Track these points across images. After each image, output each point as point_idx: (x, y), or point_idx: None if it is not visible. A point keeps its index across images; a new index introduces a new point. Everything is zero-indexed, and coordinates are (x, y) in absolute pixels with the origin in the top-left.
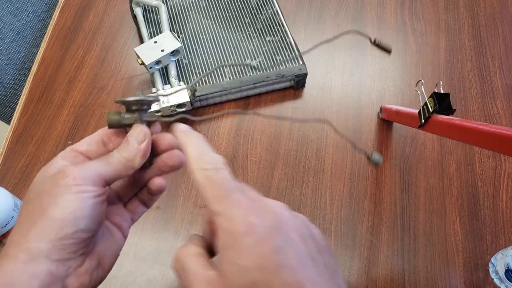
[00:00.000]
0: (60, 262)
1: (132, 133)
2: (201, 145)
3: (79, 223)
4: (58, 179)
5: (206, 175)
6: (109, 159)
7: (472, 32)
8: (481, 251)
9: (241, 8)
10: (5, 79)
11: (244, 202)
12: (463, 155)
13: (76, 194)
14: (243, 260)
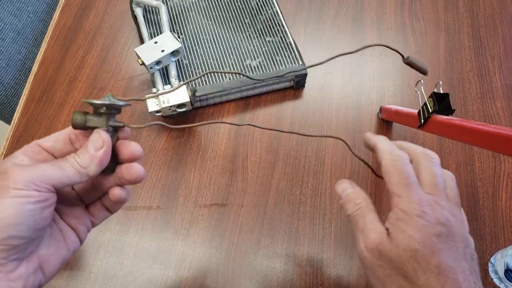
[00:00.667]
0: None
1: (91, 138)
2: (389, 142)
3: (10, 230)
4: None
5: (395, 165)
6: (62, 164)
7: (471, 32)
8: (480, 251)
9: (241, 9)
10: (6, 79)
11: (422, 195)
12: (463, 155)
13: (13, 199)
14: (412, 232)
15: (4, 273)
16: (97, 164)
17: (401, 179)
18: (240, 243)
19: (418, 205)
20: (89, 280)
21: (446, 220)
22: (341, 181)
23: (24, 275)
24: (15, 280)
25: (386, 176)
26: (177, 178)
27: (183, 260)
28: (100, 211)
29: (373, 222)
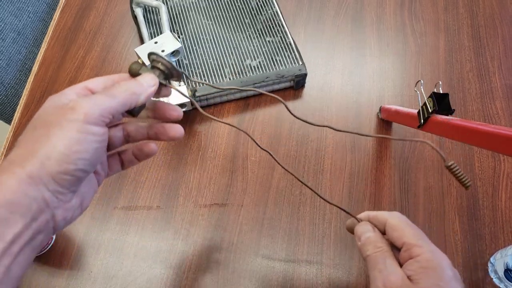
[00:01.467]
0: (54, 194)
1: (144, 76)
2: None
3: (79, 163)
4: (68, 113)
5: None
6: (114, 92)
7: (471, 32)
8: (480, 250)
9: (241, 9)
10: (6, 79)
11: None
12: (462, 155)
13: (84, 134)
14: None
15: (63, 202)
16: (147, 96)
17: (416, 231)
18: (240, 243)
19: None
20: (89, 280)
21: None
22: (363, 223)
23: (74, 207)
24: (67, 210)
25: (399, 231)
26: (177, 178)
27: (183, 260)
28: (116, 164)
29: (393, 265)
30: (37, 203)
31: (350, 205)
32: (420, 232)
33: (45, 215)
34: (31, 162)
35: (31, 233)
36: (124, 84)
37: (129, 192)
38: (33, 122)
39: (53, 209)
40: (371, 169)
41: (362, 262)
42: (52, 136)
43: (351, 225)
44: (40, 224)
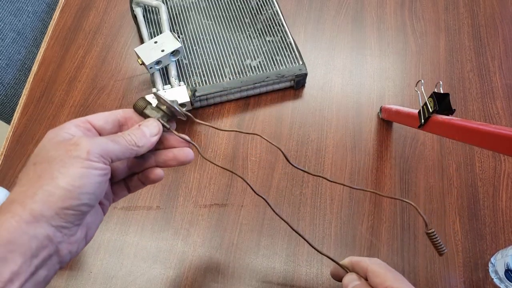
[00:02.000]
0: (58, 229)
1: (147, 124)
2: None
3: (84, 197)
4: (71, 150)
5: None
6: (117, 139)
7: (472, 32)
8: (480, 251)
9: (241, 9)
10: (6, 79)
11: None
12: (463, 155)
13: (87, 169)
14: None
15: (68, 236)
16: (149, 147)
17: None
18: (240, 243)
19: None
20: (89, 280)
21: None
22: (350, 274)
23: (78, 240)
24: (72, 244)
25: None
26: (177, 178)
27: (183, 260)
28: (122, 190)
29: None
30: (37, 240)
31: (350, 205)
32: (400, 276)
33: (48, 250)
34: (33, 199)
35: (31, 269)
36: (129, 133)
37: None
38: (33, 157)
39: (57, 244)
40: (372, 169)
41: None
42: (55, 172)
43: (336, 272)
44: (42, 259)
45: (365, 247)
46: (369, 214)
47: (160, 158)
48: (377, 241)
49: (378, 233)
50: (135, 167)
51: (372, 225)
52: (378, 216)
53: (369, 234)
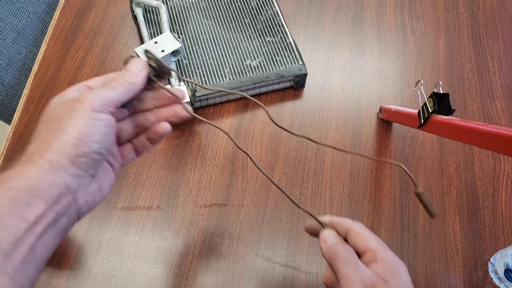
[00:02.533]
0: (74, 177)
1: (131, 62)
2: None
3: (93, 145)
4: (75, 105)
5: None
6: (111, 84)
7: (471, 32)
8: (480, 251)
9: (241, 9)
10: (6, 79)
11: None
12: (463, 155)
13: (92, 120)
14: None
15: (83, 185)
16: (141, 82)
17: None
18: (240, 243)
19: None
20: (89, 280)
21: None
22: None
23: (94, 191)
24: (88, 194)
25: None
26: (177, 178)
27: (183, 260)
28: (129, 152)
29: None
30: (57, 187)
31: (350, 205)
32: (382, 241)
33: (67, 198)
34: (49, 150)
35: (53, 215)
36: (119, 76)
37: (129, 192)
38: (43, 119)
39: (75, 192)
40: (371, 169)
41: None
42: (65, 126)
43: (311, 227)
44: (62, 206)
45: None
46: (369, 214)
47: (162, 116)
48: None
49: (377, 233)
50: (140, 127)
51: (371, 225)
52: (377, 216)
53: None
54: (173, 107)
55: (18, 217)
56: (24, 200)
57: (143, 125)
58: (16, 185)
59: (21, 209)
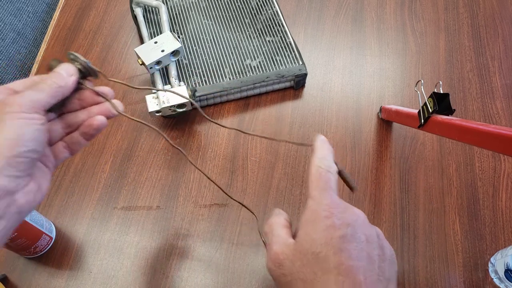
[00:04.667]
0: (11, 179)
1: (61, 67)
2: (327, 153)
3: (29, 144)
4: (3, 108)
5: (319, 171)
6: (40, 86)
7: (471, 32)
8: (480, 251)
9: (241, 9)
10: (6, 79)
11: (334, 198)
12: (463, 155)
13: (23, 120)
14: (315, 235)
15: (22, 186)
16: (70, 86)
17: (320, 183)
18: (240, 243)
19: (328, 206)
20: (89, 280)
21: (354, 221)
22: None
23: (33, 190)
24: (28, 193)
25: (309, 183)
26: (177, 178)
27: (183, 260)
28: (62, 152)
29: (278, 236)
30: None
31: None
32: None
33: (4, 200)
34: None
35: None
36: (48, 78)
37: (128, 192)
38: None
39: (13, 194)
40: (371, 169)
41: None
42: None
43: None
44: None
45: None
46: (369, 214)
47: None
48: None
49: None
50: (71, 126)
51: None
52: (378, 216)
53: None
54: (104, 104)
55: None
56: None
57: (74, 124)
58: None
59: None
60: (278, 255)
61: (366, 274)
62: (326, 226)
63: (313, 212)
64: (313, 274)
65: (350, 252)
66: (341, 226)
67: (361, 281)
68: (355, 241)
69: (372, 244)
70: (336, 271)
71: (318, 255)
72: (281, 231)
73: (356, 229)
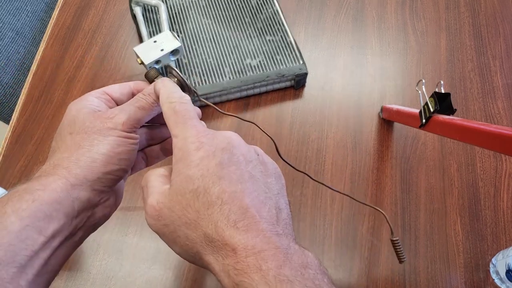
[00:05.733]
0: (97, 193)
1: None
2: (171, 85)
3: (122, 163)
4: (107, 122)
5: (172, 107)
6: (141, 105)
7: (473, 31)
8: (482, 251)
9: (241, 8)
10: (4, 79)
11: (199, 127)
12: (464, 155)
13: (123, 139)
14: (189, 171)
15: (104, 200)
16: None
17: (178, 118)
18: None
19: (195, 137)
20: (88, 281)
21: (228, 144)
22: None
23: (111, 204)
24: (107, 207)
25: (168, 123)
26: None
27: (182, 260)
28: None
29: (152, 187)
30: (80, 202)
31: (351, 206)
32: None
33: (86, 213)
34: (77, 165)
35: (71, 229)
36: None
37: (128, 193)
38: (67, 128)
39: (94, 207)
40: (373, 169)
41: (363, 262)
42: (95, 141)
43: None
44: (81, 221)
45: (366, 248)
46: (370, 215)
47: None
48: (377, 241)
49: (379, 233)
50: (154, 139)
51: (373, 226)
52: (379, 216)
53: (369, 234)
54: None
55: (37, 230)
56: (45, 213)
57: (157, 138)
58: (39, 197)
59: (41, 222)
60: (154, 206)
61: (252, 196)
62: (199, 159)
63: (180, 149)
64: (196, 213)
65: (231, 176)
66: (216, 153)
67: (248, 203)
68: (233, 164)
69: (252, 162)
70: (219, 201)
71: (197, 191)
72: (156, 181)
73: (232, 151)
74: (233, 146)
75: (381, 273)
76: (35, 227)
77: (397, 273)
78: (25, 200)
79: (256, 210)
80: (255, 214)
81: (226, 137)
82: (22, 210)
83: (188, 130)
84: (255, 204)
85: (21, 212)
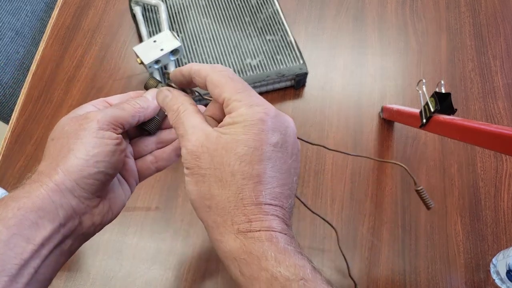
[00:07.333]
0: (80, 200)
1: (150, 91)
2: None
3: (99, 165)
4: (82, 123)
5: (226, 75)
6: (124, 106)
7: (473, 31)
8: (482, 251)
9: (241, 7)
10: (4, 78)
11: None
12: (465, 155)
13: (99, 139)
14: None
15: (90, 207)
16: (153, 108)
17: (238, 85)
18: None
19: (262, 107)
20: (88, 281)
21: (286, 128)
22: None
23: (102, 212)
24: (95, 216)
25: (217, 89)
26: (177, 178)
27: (182, 261)
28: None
29: (194, 126)
30: (64, 210)
31: (351, 206)
32: (244, 86)
33: (73, 221)
34: (56, 171)
35: (60, 237)
36: (133, 99)
37: None
38: (51, 134)
39: (81, 215)
40: (373, 169)
41: (363, 262)
42: (71, 145)
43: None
44: (68, 229)
45: (366, 248)
46: (370, 215)
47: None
48: (378, 241)
49: (379, 233)
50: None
51: (373, 226)
52: (379, 216)
53: (370, 234)
54: None
55: (25, 239)
56: (31, 221)
57: (167, 141)
58: (24, 205)
59: (28, 230)
60: (197, 148)
61: (283, 188)
62: (259, 130)
63: (242, 115)
64: (232, 176)
65: (276, 162)
66: (274, 133)
67: (278, 192)
68: (282, 151)
69: (292, 157)
70: (257, 179)
71: (242, 158)
72: (195, 119)
73: (287, 138)
74: (288, 134)
75: (381, 273)
76: (23, 235)
77: (397, 273)
78: (10, 208)
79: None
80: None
81: (288, 121)
82: (8, 218)
83: (255, 99)
84: (281, 198)
85: (7, 220)
